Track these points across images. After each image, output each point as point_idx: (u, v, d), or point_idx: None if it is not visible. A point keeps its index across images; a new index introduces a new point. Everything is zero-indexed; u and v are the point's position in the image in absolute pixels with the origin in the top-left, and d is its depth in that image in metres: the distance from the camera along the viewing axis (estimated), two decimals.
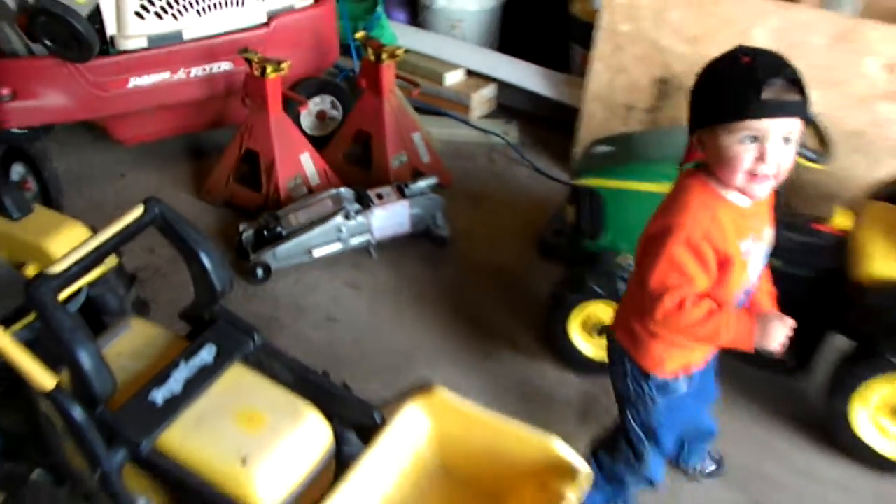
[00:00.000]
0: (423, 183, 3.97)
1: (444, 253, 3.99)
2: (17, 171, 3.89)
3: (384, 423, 2.27)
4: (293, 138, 4.18)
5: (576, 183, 3.33)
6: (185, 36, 4.19)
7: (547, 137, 4.88)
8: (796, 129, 2.04)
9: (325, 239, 3.80)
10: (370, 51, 4.19)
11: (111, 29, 4.05)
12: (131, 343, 2.39)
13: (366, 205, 3.83)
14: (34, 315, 2.52)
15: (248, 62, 3.99)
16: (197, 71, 4.27)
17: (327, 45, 4.65)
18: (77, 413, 2.06)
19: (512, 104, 5.21)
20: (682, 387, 2.45)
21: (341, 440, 2.32)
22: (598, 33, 4.44)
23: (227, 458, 2.10)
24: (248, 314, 3.51)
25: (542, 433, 2.24)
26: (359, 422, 2.34)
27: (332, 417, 2.29)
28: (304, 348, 3.39)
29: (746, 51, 2.06)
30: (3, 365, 2.14)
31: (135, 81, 4.15)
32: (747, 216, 2.19)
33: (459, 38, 5.58)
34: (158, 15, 4.09)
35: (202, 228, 3.93)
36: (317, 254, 3.81)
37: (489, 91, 5.17)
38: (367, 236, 3.86)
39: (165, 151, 4.60)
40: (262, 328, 3.33)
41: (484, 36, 5.66)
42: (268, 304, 3.69)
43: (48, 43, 3.94)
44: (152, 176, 4.49)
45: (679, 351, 2.38)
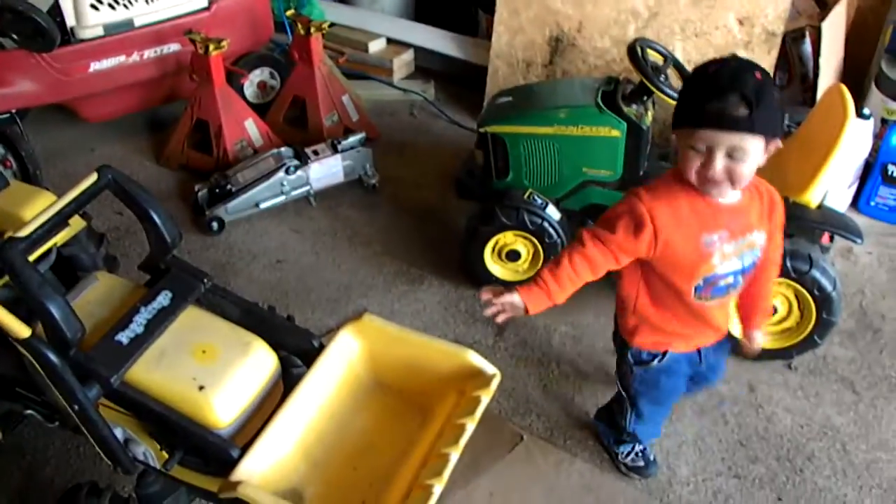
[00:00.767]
0: (353, 139, 3.92)
1: (374, 198, 3.95)
2: None
3: (322, 347, 2.26)
4: (237, 107, 4.10)
5: (482, 130, 3.31)
6: (137, 23, 4.07)
7: (460, 93, 4.83)
8: (743, 145, 1.85)
9: (269, 192, 3.74)
10: (300, 26, 4.11)
11: (70, 21, 3.92)
12: (98, 293, 2.34)
13: (304, 160, 3.78)
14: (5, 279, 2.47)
15: (193, 42, 3.91)
16: (149, 53, 4.14)
17: (262, 23, 4.53)
18: (50, 357, 2.01)
19: (428, 66, 5.15)
20: (657, 363, 2.34)
21: (287, 365, 2.31)
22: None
23: (186, 386, 2.08)
24: (207, 262, 3.48)
25: (458, 347, 2.25)
26: (301, 348, 2.32)
27: (277, 346, 2.27)
28: (257, 288, 3.36)
29: (721, 61, 1.91)
30: None
31: (95, 66, 4.01)
32: (722, 212, 2.02)
33: (380, 11, 5.54)
34: (111, 6, 3.97)
35: (163, 191, 3.95)
36: (263, 206, 3.75)
37: (408, 56, 5.12)
38: (307, 188, 3.81)
39: (128, 126, 4.47)
40: (219, 273, 3.32)
41: (401, 8, 5.63)
42: (224, 252, 3.63)
43: (15, 37, 3.81)
44: (118, 148, 4.37)
45: (649, 328, 2.29)
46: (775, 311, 3.00)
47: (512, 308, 2.14)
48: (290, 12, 4.33)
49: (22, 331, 2.01)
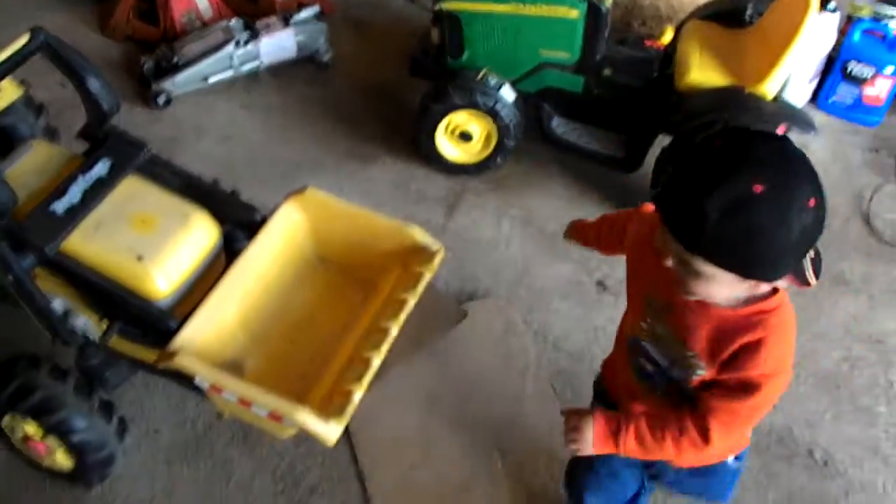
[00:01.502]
0: (306, 12, 3.78)
1: (327, 75, 3.85)
2: None
3: (265, 221, 2.23)
4: None
5: (437, 7, 3.22)
6: None
7: None
8: (693, 263, 1.37)
9: (218, 66, 3.62)
10: None
11: None
12: (33, 162, 2.27)
13: (254, 34, 3.65)
14: None
15: None
16: None
17: None
18: None
19: None
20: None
21: (232, 238, 2.28)
22: None
23: (124, 256, 2.05)
24: (153, 136, 3.34)
25: (402, 222, 2.23)
26: (244, 221, 2.30)
27: (221, 219, 2.24)
28: (205, 163, 3.28)
29: (738, 136, 1.35)
30: None
31: None
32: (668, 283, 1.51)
33: None
34: None
35: (108, 63, 3.81)
36: (212, 80, 3.64)
37: None
38: (257, 62, 3.69)
39: None
40: (166, 148, 3.24)
41: None
42: (171, 127, 3.54)
43: None
44: (60, 18, 4.16)
45: None
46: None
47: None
48: None
49: None
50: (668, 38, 3.44)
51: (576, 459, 2.03)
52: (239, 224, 2.30)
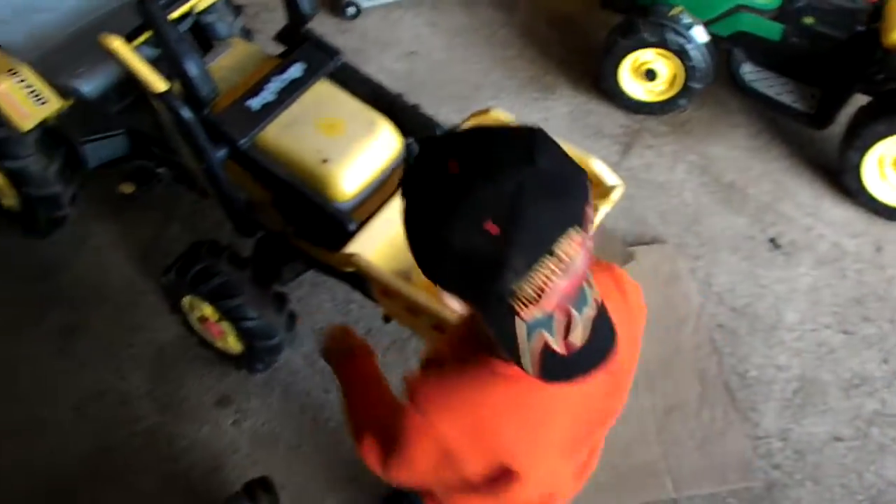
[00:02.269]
0: None
1: (515, 0, 3.81)
2: None
3: None
4: None
5: None
6: None
7: None
8: None
9: None
10: None
11: None
12: (233, 59, 2.38)
13: None
14: (145, 36, 2.51)
15: None
16: None
17: None
18: (183, 112, 2.07)
19: None
20: None
21: (410, 151, 2.32)
22: None
23: (311, 156, 2.12)
24: (340, 47, 3.44)
25: (583, 151, 2.21)
26: (424, 134, 2.33)
27: (402, 130, 2.28)
28: (387, 77, 3.30)
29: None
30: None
31: None
32: None
33: None
34: None
35: None
36: None
37: None
38: None
39: None
40: (351, 59, 3.29)
41: None
42: (357, 38, 3.62)
43: None
44: None
45: None
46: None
47: None
48: None
49: (158, 84, 2.07)
50: None
51: None
52: (421, 139, 2.33)
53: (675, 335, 2.64)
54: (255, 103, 2.18)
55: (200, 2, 2.59)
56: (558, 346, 1.03)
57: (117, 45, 2.05)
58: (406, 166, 1.26)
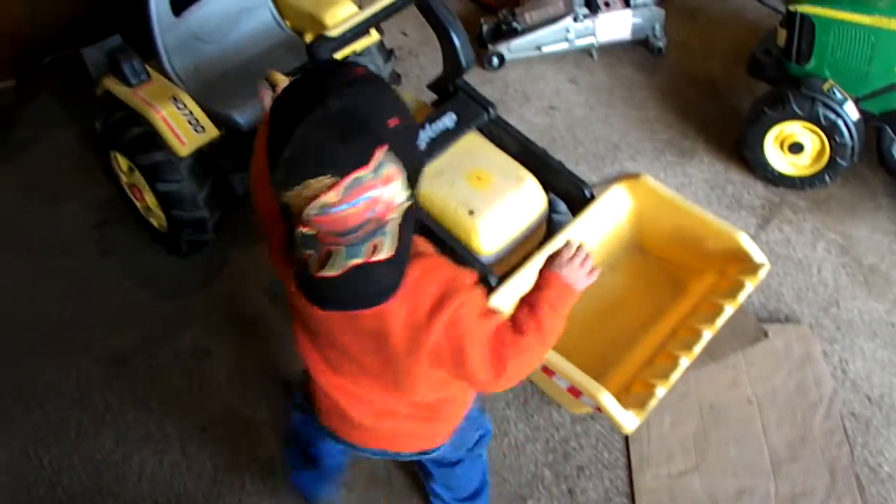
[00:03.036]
0: None
1: (657, 61, 3.79)
2: None
3: (593, 198, 2.25)
4: None
5: (791, 8, 3.07)
6: None
7: None
8: None
9: (553, 38, 3.68)
10: None
11: None
12: None
13: (593, 10, 3.67)
14: None
15: None
16: None
17: None
18: None
19: None
20: None
21: (553, 207, 2.33)
22: None
23: (458, 207, 2.16)
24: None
25: (732, 226, 2.18)
26: (570, 194, 2.33)
27: (547, 186, 2.29)
28: (526, 130, 3.29)
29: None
30: None
31: None
32: None
33: None
34: None
35: None
36: (545, 50, 3.70)
37: None
38: (591, 39, 3.71)
39: None
40: None
41: None
42: (499, 89, 3.65)
43: None
44: None
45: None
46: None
47: None
48: None
49: None
50: None
51: None
52: (565, 195, 2.34)
53: (805, 419, 2.55)
54: None
55: (359, 45, 2.70)
56: (311, 267, 1.30)
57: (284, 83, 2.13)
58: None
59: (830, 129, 3.00)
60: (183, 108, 2.53)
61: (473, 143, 2.32)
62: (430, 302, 1.39)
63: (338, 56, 2.23)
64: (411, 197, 1.31)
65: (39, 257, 3.05)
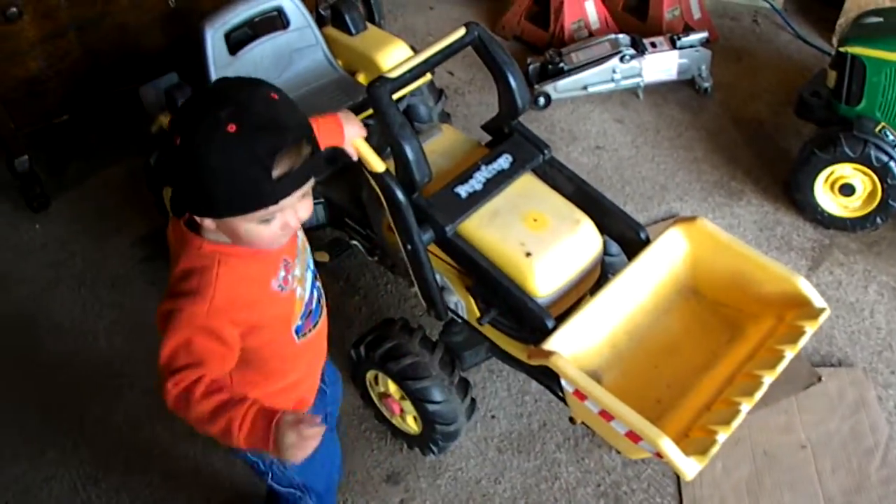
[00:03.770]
0: (694, 36, 3.75)
1: (703, 102, 3.79)
2: None
3: (648, 241, 2.24)
4: None
5: (841, 49, 3.06)
6: None
7: (810, 6, 4.42)
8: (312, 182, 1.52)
9: (600, 78, 3.69)
10: None
11: None
12: (442, 145, 2.44)
13: (640, 51, 3.68)
14: (367, 112, 2.63)
15: None
16: None
17: None
18: (398, 194, 2.15)
19: None
20: None
21: (605, 249, 2.32)
22: None
23: (514, 249, 2.15)
24: None
25: (790, 270, 2.15)
26: (625, 236, 2.33)
27: (602, 228, 2.29)
28: (573, 170, 3.36)
29: (225, 110, 1.38)
30: (337, 151, 2.22)
31: None
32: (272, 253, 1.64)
33: None
34: None
35: None
36: (591, 90, 3.72)
37: None
38: (637, 79, 3.72)
39: None
40: None
41: None
42: (545, 129, 3.67)
43: None
44: (456, 10, 4.46)
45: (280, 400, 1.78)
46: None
47: None
48: None
49: (378, 165, 2.15)
50: None
51: None
52: (619, 238, 2.34)
53: (860, 466, 2.51)
54: (462, 190, 2.24)
55: (415, 85, 2.73)
56: None
57: None
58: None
59: (882, 171, 2.98)
60: None
61: (529, 184, 2.31)
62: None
63: (394, 97, 2.24)
64: None
65: (89, 291, 3.09)
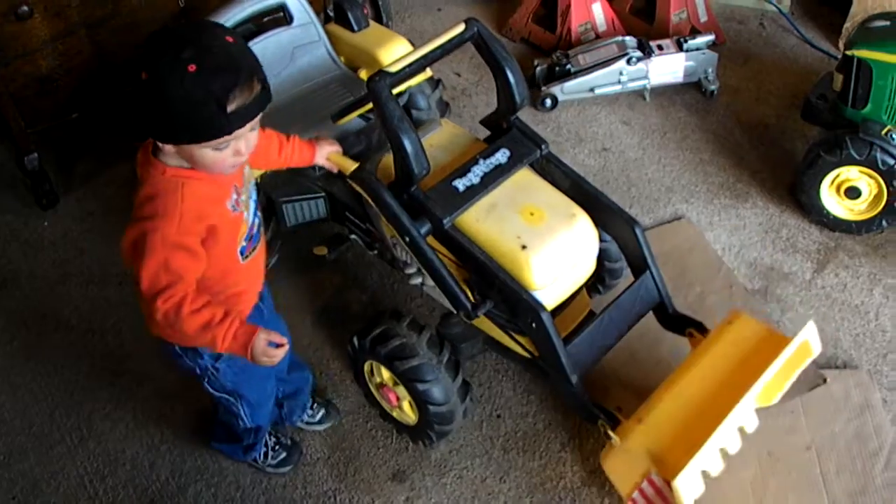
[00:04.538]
0: (701, 39, 3.73)
1: (709, 104, 3.77)
2: None
3: (643, 236, 2.24)
4: None
5: (848, 52, 3.03)
6: None
7: (817, 10, 4.39)
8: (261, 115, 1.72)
9: (606, 80, 3.68)
10: None
11: None
12: (441, 139, 2.44)
13: (646, 53, 3.67)
14: (364, 109, 2.63)
15: None
16: None
17: None
18: (378, 186, 2.24)
19: None
20: None
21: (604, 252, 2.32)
22: None
23: (510, 242, 2.14)
24: None
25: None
26: (620, 231, 2.32)
27: (597, 223, 2.28)
28: (579, 171, 3.30)
29: (186, 52, 1.57)
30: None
31: None
32: (224, 175, 1.82)
33: None
34: None
35: None
36: (598, 92, 3.70)
37: None
38: (644, 82, 3.71)
39: None
40: None
41: None
42: (552, 130, 3.66)
43: None
44: (463, 12, 4.45)
45: None
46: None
47: None
48: None
49: (350, 166, 2.28)
50: None
51: None
52: (614, 232, 2.33)
53: (865, 468, 2.47)
54: (460, 184, 2.23)
55: (415, 80, 2.73)
56: None
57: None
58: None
59: (888, 174, 2.95)
60: None
61: (526, 179, 2.30)
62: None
63: (394, 91, 2.24)
64: None
65: (98, 288, 3.10)
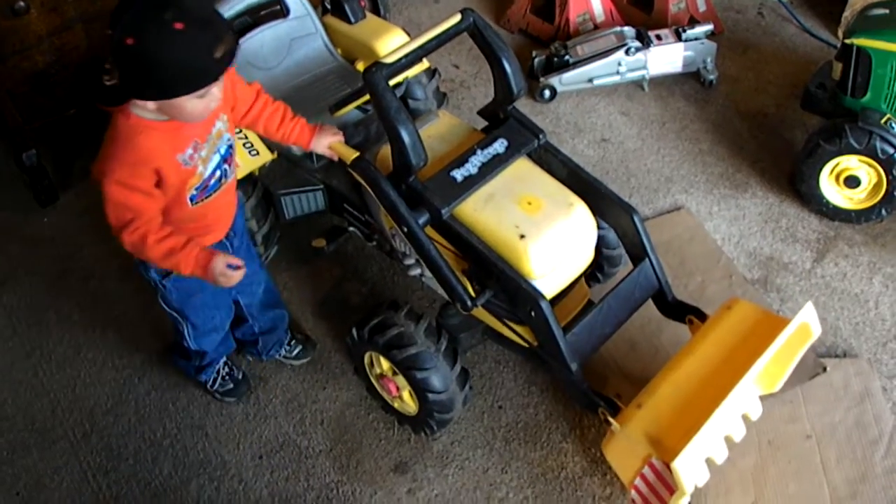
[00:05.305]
0: (699, 29, 3.71)
1: (708, 94, 3.77)
2: None
3: (641, 224, 2.24)
4: None
5: (847, 41, 3.02)
6: None
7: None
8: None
9: (605, 70, 3.67)
10: None
11: None
12: (439, 130, 2.44)
13: (645, 44, 3.66)
14: (362, 100, 2.63)
15: None
16: None
17: None
18: (377, 175, 2.23)
19: None
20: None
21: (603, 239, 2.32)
22: None
23: (508, 231, 2.14)
24: None
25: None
26: (618, 219, 2.32)
27: (595, 211, 2.27)
28: (578, 162, 3.30)
29: (168, 13, 1.69)
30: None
31: None
32: (186, 127, 1.92)
33: None
34: None
35: None
36: (597, 83, 3.70)
37: None
38: (643, 72, 3.70)
39: None
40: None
41: None
42: (551, 121, 3.66)
43: None
44: (460, 3, 4.33)
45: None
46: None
47: None
48: None
49: (350, 155, 2.25)
50: None
51: None
52: (612, 220, 2.33)
53: (865, 456, 2.47)
54: (458, 174, 2.23)
55: (412, 71, 2.73)
56: None
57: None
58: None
59: (888, 163, 2.94)
60: (238, 133, 2.56)
61: (524, 168, 2.30)
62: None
63: (391, 83, 2.23)
64: None
65: (98, 283, 3.10)
